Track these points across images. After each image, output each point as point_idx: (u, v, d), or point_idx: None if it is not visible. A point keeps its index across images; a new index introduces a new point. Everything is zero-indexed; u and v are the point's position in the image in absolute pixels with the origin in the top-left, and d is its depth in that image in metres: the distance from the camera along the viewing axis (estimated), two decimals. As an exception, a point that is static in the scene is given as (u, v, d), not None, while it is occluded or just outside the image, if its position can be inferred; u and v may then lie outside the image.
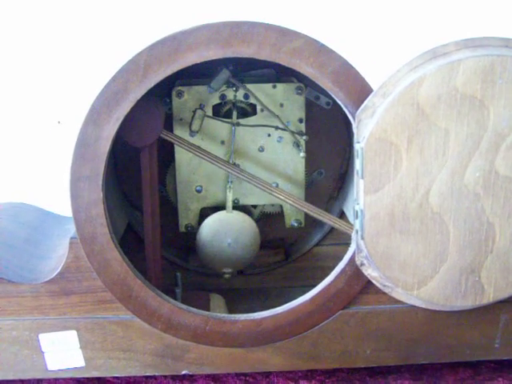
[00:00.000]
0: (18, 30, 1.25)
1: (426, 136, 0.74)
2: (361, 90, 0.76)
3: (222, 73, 0.90)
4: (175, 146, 0.93)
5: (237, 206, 0.97)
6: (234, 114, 0.94)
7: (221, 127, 0.95)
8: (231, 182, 0.95)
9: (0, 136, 1.30)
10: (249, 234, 0.94)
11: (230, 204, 0.95)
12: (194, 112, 0.92)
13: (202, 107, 0.93)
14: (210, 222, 0.94)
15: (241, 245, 0.94)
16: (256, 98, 0.93)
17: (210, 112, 0.94)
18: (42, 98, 1.28)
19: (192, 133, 0.93)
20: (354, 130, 0.77)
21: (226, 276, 0.96)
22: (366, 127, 0.75)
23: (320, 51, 0.75)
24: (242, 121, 0.94)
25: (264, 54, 0.75)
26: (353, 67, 0.76)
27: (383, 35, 1.23)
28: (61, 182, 1.25)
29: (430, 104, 0.73)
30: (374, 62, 1.10)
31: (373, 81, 0.76)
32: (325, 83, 0.76)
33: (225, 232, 0.94)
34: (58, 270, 0.81)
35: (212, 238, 0.94)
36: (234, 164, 0.95)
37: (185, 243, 1.04)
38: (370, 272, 0.81)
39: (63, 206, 1.07)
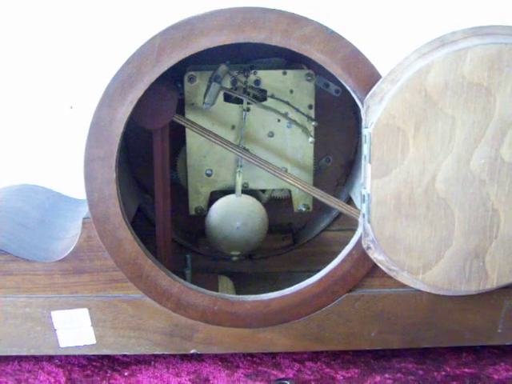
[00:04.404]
0: (30, 16, 1.26)
1: (433, 122, 0.75)
2: (370, 77, 0.77)
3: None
4: (187, 129, 0.95)
5: (246, 191, 0.98)
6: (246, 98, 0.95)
7: (231, 112, 0.96)
8: (241, 166, 0.97)
9: (13, 121, 1.31)
10: (257, 218, 0.96)
11: (239, 188, 0.96)
12: (210, 83, 0.92)
13: (218, 80, 0.92)
14: (220, 206, 0.96)
15: (249, 228, 0.95)
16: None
17: (221, 98, 0.96)
18: (54, 83, 1.30)
19: (206, 104, 0.93)
20: (363, 116, 0.78)
21: (234, 259, 0.97)
22: (374, 113, 0.76)
23: (330, 38, 0.76)
24: (252, 106, 0.96)
25: (275, 40, 0.76)
26: (362, 54, 0.77)
27: (392, 22, 1.24)
28: (72, 165, 1.27)
29: (437, 91, 0.74)
30: (383, 48, 1.11)
31: (381, 67, 0.78)
32: (335, 69, 0.78)
33: (234, 215, 0.95)
34: (71, 249, 0.83)
35: (221, 221, 0.95)
36: (244, 149, 0.96)
37: (194, 227, 1.06)
38: (376, 256, 0.83)
39: (74, 189, 1.09)
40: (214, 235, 0.96)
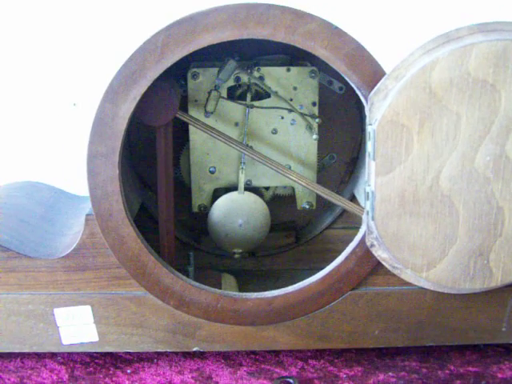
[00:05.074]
0: (32, 12, 1.26)
1: (438, 119, 0.75)
2: (374, 73, 0.77)
3: (228, 64, 0.91)
4: (190, 126, 0.94)
5: (249, 188, 0.98)
6: (249, 95, 0.95)
7: (235, 109, 0.96)
8: (244, 163, 0.97)
9: (16, 118, 1.31)
10: (260, 216, 0.95)
11: (241, 185, 0.96)
12: (209, 93, 0.93)
13: (216, 88, 0.94)
14: (222, 203, 0.95)
15: (252, 226, 0.95)
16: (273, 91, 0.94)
17: (224, 94, 0.96)
18: (57, 80, 1.29)
19: (207, 113, 0.95)
20: (367, 113, 0.77)
21: (236, 256, 0.97)
22: (379, 110, 0.76)
23: (334, 34, 0.76)
24: (256, 103, 0.96)
25: (279, 36, 0.76)
26: (366, 50, 0.77)
27: (397, 18, 1.23)
28: (75, 162, 1.27)
29: (442, 88, 0.74)
30: (388, 45, 1.11)
31: (386, 64, 0.77)
32: (339, 66, 0.77)
33: (236, 213, 0.95)
34: (74, 246, 0.83)
35: (223, 218, 0.95)
36: (247, 146, 0.96)
37: (197, 224, 1.06)
38: (379, 253, 0.82)
39: (77, 186, 1.09)
40: (216, 233, 0.96)
